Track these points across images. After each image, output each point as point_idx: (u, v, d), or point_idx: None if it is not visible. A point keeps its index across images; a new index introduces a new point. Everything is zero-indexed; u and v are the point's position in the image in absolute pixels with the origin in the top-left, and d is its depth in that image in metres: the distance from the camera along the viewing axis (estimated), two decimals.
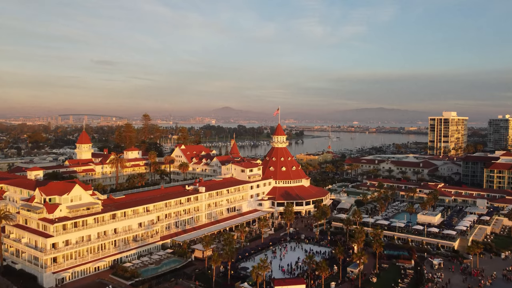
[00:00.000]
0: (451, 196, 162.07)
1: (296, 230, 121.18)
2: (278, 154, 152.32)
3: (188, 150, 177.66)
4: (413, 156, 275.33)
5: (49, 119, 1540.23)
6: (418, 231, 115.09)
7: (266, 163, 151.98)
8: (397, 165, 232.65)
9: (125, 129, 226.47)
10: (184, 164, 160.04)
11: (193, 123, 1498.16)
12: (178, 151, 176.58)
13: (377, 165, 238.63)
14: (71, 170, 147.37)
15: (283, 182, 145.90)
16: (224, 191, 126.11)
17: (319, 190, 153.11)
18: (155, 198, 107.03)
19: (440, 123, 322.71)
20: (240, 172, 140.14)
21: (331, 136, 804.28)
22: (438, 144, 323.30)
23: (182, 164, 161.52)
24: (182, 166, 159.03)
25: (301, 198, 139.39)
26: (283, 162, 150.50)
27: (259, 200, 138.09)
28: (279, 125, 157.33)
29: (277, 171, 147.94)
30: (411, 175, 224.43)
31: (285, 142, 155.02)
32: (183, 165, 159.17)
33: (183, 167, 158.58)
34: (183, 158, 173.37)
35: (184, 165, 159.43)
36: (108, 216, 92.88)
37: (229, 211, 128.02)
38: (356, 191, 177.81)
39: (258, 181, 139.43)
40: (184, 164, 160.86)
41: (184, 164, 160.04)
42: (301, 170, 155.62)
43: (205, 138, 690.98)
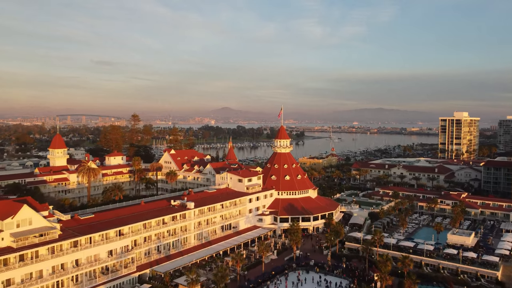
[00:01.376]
0: (477, 208, 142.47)
1: (305, 255, 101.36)
2: (281, 161, 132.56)
3: (178, 155, 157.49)
4: (425, 160, 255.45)
5: (47, 119, 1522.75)
6: (450, 255, 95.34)
7: (267, 171, 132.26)
8: (410, 170, 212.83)
9: (110, 131, 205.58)
10: (171, 173, 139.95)
11: (192, 123, 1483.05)
12: (167, 157, 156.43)
13: (387, 170, 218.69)
14: (39, 180, 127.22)
15: (287, 194, 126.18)
16: (218, 206, 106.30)
17: (328, 202, 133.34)
18: (132, 218, 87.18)
19: (451, 124, 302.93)
20: (237, 182, 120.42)
21: (332, 137, 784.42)
22: (450, 147, 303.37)
23: (169, 172, 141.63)
24: (169, 175, 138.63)
25: (308, 213, 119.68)
26: (287, 170, 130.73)
27: (259, 215, 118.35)
28: (282, 128, 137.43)
29: (280, 180, 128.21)
30: (426, 182, 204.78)
31: (289, 147, 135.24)
32: (171, 174, 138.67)
33: (170, 176, 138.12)
34: (173, 164, 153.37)
35: (171, 173, 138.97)
36: (68, 244, 73.10)
37: (224, 229, 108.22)
38: (368, 202, 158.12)
39: (258, 193, 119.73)
40: (171, 172, 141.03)
41: (171, 173, 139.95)
42: (307, 179, 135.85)
43: (203, 139, 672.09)
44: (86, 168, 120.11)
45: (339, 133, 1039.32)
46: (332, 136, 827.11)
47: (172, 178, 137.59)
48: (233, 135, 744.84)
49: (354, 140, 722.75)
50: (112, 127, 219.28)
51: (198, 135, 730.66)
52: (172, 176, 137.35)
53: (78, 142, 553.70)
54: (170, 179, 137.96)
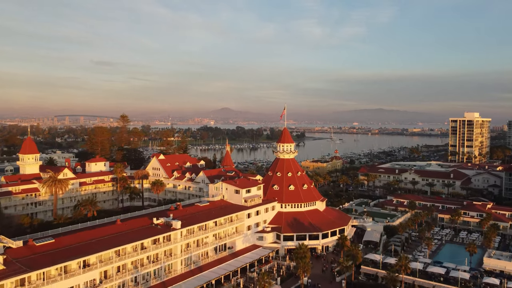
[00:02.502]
0: (506, 221, 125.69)
1: (314, 284, 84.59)
2: (285, 168, 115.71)
3: (168, 161, 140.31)
4: (436, 163, 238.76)
5: (45, 120, 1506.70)
6: (491, 286, 78.66)
7: (268, 180, 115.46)
8: (423, 176, 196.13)
9: (95, 133, 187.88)
10: (157, 183, 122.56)
11: (191, 124, 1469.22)
12: (155, 163, 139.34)
13: (398, 175, 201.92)
14: (3, 191, 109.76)
15: (291, 206, 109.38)
16: (211, 224, 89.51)
17: (338, 215, 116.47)
18: (103, 243, 70.35)
19: (462, 125, 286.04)
20: (233, 193, 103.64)
21: (333, 138, 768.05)
22: (461, 149, 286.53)
23: (155, 182, 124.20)
24: (155, 185, 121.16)
25: (316, 229, 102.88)
26: (291, 179, 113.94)
27: (259, 233, 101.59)
28: (286, 130, 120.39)
29: (283, 190, 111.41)
30: (441, 188, 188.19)
31: (294, 152, 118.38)
32: (157, 184, 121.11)
33: (156, 185, 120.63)
34: (162, 171, 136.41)
35: (157, 183, 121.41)
36: (11, 283, 56.37)
37: (218, 250, 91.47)
38: (381, 212, 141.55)
39: (257, 206, 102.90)
40: (157, 182, 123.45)
41: (157, 183, 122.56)
42: (313, 189, 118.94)
43: (201, 140, 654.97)
44: (51, 180, 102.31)
45: (339, 133, 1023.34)
46: (333, 137, 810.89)
47: (158, 188, 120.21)
48: (232, 136, 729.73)
49: (356, 141, 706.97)
50: (98, 129, 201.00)
51: (197, 136, 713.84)
52: (158, 186, 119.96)
53: (72, 143, 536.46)
54: (156, 189, 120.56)
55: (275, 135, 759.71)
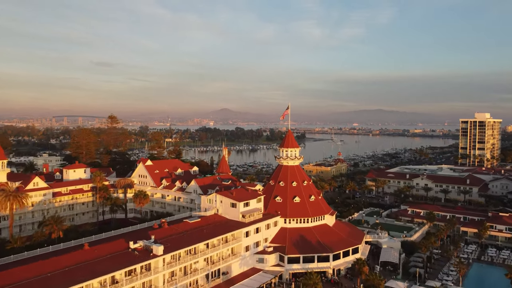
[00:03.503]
0: None
1: None
2: (289, 176, 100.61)
3: (157, 167, 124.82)
4: (448, 167, 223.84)
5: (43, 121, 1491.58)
6: None
7: (269, 190, 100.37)
8: (436, 182, 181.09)
9: (80, 135, 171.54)
10: (140, 194, 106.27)
11: (191, 124, 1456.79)
12: (142, 169, 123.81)
13: (409, 180, 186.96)
14: None
15: (296, 222, 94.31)
16: (201, 247, 74.42)
17: (349, 230, 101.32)
18: (60, 278, 55.23)
19: (474, 127, 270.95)
20: (229, 206, 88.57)
21: (334, 139, 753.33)
22: (472, 152, 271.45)
23: (137, 194, 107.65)
24: (137, 197, 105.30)
25: (326, 249, 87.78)
26: (296, 189, 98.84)
27: (259, 254, 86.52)
28: (290, 133, 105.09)
29: (288, 203, 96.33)
30: (456, 195, 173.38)
31: (299, 158, 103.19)
32: (139, 196, 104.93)
33: (139, 198, 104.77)
34: (149, 179, 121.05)
35: (140, 195, 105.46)
36: None
37: (210, 277, 76.39)
38: (395, 224, 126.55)
39: (257, 222, 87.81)
40: (140, 194, 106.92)
41: (140, 194, 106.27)
42: (322, 200, 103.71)
43: (200, 141, 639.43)
44: (5, 193, 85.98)
45: (340, 134, 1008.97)
46: (334, 138, 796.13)
47: (141, 200, 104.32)
48: (231, 137, 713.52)
49: (357, 143, 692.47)
50: (82, 130, 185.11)
51: (195, 137, 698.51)
52: (141, 199, 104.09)
53: (66, 144, 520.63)
54: (138, 202, 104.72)
55: (275, 136, 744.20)
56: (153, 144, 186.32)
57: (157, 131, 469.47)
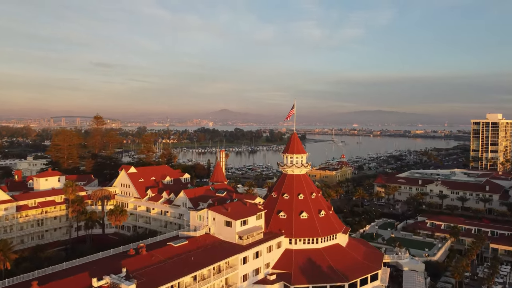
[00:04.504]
0: None
1: None
2: (294, 188, 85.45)
3: (142, 175, 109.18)
4: (461, 171, 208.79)
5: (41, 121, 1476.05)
6: None
7: (272, 204, 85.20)
8: (452, 188, 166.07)
9: (60, 137, 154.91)
10: (116, 210, 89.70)
11: (190, 125, 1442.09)
12: (124, 178, 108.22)
13: (421, 187, 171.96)
14: None
15: (304, 242, 79.16)
16: (187, 280, 59.27)
17: (366, 251, 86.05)
18: None
19: (486, 128, 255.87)
20: (223, 225, 73.47)
21: (335, 141, 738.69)
22: (484, 154, 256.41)
23: (113, 210, 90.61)
24: (113, 214, 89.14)
25: (340, 276, 72.64)
26: (303, 203, 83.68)
27: (259, 284, 71.40)
28: (295, 137, 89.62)
29: (293, 219, 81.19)
30: (475, 203, 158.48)
31: (306, 166, 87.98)
32: (115, 213, 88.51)
33: (114, 215, 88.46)
34: (132, 189, 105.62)
35: (116, 212, 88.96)
36: None
37: None
38: (414, 240, 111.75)
39: (258, 244, 72.65)
40: (116, 210, 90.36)
41: (116, 210, 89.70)
42: (333, 215, 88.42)
43: (198, 142, 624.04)
44: None
45: (340, 135, 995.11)
46: (334, 139, 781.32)
47: (118, 217, 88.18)
48: (230, 138, 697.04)
49: (359, 144, 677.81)
50: (62, 132, 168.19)
51: (193, 138, 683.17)
52: (117, 216, 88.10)
53: None
54: (114, 219, 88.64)
55: (274, 137, 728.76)
56: (142, 148, 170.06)
57: (147, 133, 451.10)
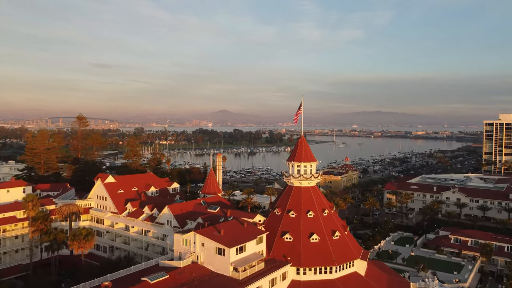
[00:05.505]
0: None
1: None
2: (302, 204, 70.15)
3: (122, 185, 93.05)
4: (476, 176, 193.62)
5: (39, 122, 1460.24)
6: None
7: (274, 223, 69.91)
8: (471, 196, 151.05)
9: (37, 140, 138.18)
10: (79, 234, 71.60)
11: (189, 126, 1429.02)
12: (101, 189, 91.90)
13: (437, 194, 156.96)
14: None
15: (314, 272, 63.89)
16: None
17: (390, 279, 70.67)
18: None
19: (500, 130, 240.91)
20: (214, 253, 58.23)
21: (336, 142, 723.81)
22: (498, 157, 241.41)
23: (76, 233, 71.99)
24: (75, 239, 70.84)
25: None
26: (313, 223, 68.40)
27: None
28: (303, 142, 74.26)
29: (302, 243, 65.94)
30: (496, 213, 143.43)
31: (316, 176, 72.63)
32: (78, 237, 70.55)
33: (78, 241, 70.82)
34: (108, 202, 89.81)
35: (79, 236, 70.98)
36: None
37: None
38: (437, 259, 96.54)
39: (258, 278, 57.43)
40: (79, 233, 72.28)
41: (79, 234, 71.60)
42: (350, 236, 72.93)
43: (196, 143, 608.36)
44: None
45: (341, 136, 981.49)
46: (335, 140, 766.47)
47: (81, 244, 70.04)
48: (229, 140, 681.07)
49: (360, 145, 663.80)
50: (39, 134, 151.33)
51: (191, 139, 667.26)
52: (80, 241, 70.72)
53: None
54: (77, 245, 70.85)
55: (274, 138, 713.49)
56: (128, 152, 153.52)
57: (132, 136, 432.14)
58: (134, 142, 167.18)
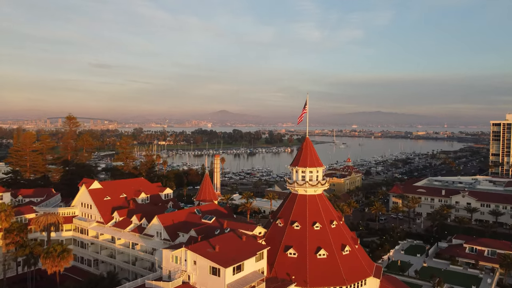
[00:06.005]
0: None
1: None
2: (308, 214, 62.57)
3: (109, 191, 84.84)
4: (484, 179, 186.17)
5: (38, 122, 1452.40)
6: None
7: (276, 236, 62.31)
8: (482, 200, 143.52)
9: (22, 141, 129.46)
10: (52, 253, 60.58)
11: (188, 126, 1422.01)
12: (85, 196, 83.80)
13: (445, 198, 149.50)
14: None
15: None
16: None
17: None
18: None
19: (508, 130, 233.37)
20: (208, 273, 50.57)
21: (336, 142, 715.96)
22: (505, 159, 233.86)
23: (50, 251, 61.07)
24: (49, 257, 60.05)
25: None
26: (321, 236, 60.82)
27: None
28: (309, 145, 66.81)
29: (307, 259, 58.36)
30: (509, 218, 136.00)
31: (323, 183, 65.08)
32: (52, 255, 59.31)
33: (51, 259, 59.69)
34: (94, 210, 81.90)
35: (53, 253, 59.97)
36: None
37: None
38: (453, 271, 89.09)
39: None
40: (52, 252, 60.98)
41: (52, 253, 60.58)
42: (361, 250, 65.33)
43: (195, 144, 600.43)
44: None
45: (341, 137, 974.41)
46: (336, 140, 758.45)
47: (55, 263, 57.28)
48: (228, 140, 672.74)
49: (361, 146, 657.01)
50: (25, 135, 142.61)
51: (190, 139, 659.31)
52: (54, 260, 60.21)
53: None
54: (50, 264, 60.29)
55: (274, 138, 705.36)
56: (120, 154, 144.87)
57: (126, 136, 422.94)
58: (127, 143, 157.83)
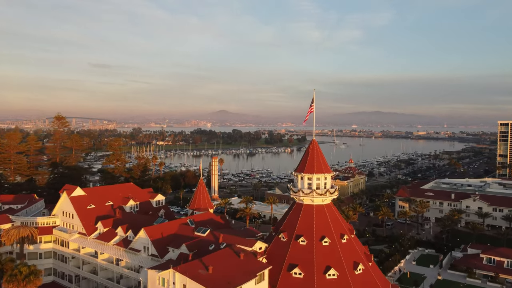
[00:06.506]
0: None
1: None
2: (315, 227, 54.90)
3: (93, 199, 75.63)
4: (493, 181, 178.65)
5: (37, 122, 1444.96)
6: None
7: (279, 252, 54.60)
8: (494, 204, 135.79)
9: (6, 142, 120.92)
10: (17, 277, 49.63)
11: (188, 126, 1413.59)
12: (67, 204, 74.87)
13: (455, 202, 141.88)
14: None
15: None
16: None
17: None
18: None
19: None
20: None
21: (337, 142, 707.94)
22: None
23: (14, 273, 50.04)
24: (14, 281, 48.17)
25: None
26: (330, 252, 53.12)
27: None
28: (315, 147, 59.06)
29: (315, 280, 50.71)
30: None
31: (333, 191, 57.47)
32: (16, 279, 48.33)
33: (16, 283, 49.26)
34: (76, 220, 73.41)
35: (17, 278, 48.87)
36: None
37: None
38: (470, 285, 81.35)
39: None
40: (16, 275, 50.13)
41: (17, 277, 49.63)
42: (374, 267, 57.66)
43: (194, 144, 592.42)
44: None
45: (341, 137, 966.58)
46: (336, 141, 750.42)
47: (20, 285, 49.46)
48: (227, 140, 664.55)
49: (362, 146, 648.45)
50: (10, 135, 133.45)
51: (189, 139, 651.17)
52: (19, 283, 50.28)
53: None
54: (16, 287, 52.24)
55: (274, 138, 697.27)
56: (110, 156, 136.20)
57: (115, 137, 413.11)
58: (117, 144, 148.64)
